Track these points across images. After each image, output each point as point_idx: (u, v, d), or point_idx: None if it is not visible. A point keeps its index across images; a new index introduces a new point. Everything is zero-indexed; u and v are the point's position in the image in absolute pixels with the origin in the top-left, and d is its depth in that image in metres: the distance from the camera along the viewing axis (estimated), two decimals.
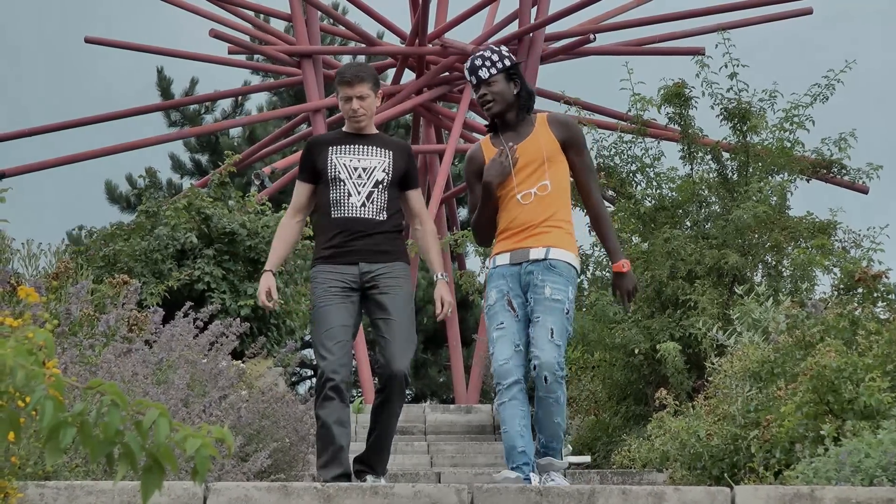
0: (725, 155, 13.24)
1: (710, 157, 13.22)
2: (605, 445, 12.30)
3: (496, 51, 6.79)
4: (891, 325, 7.81)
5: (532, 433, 6.61)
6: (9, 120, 59.28)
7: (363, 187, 6.81)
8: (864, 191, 18.63)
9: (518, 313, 6.59)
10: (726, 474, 7.92)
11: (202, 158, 31.85)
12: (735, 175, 13.15)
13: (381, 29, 27.03)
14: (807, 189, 13.82)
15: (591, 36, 23.06)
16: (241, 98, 31.52)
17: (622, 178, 13.12)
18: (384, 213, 6.83)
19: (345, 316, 6.72)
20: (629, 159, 13.16)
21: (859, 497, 5.40)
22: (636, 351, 12.11)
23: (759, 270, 12.75)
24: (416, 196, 6.99)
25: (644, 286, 12.57)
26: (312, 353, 7.21)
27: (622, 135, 13.22)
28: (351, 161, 6.85)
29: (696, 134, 13.18)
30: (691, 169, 13.27)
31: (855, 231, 12.82)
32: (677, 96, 13.03)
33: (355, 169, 6.84)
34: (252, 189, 19.32)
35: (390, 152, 6.91)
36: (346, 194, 6.80)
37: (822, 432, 6.97)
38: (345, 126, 7.05)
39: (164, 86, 31.41)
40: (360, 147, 6.90)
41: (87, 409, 3.01)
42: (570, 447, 6.73)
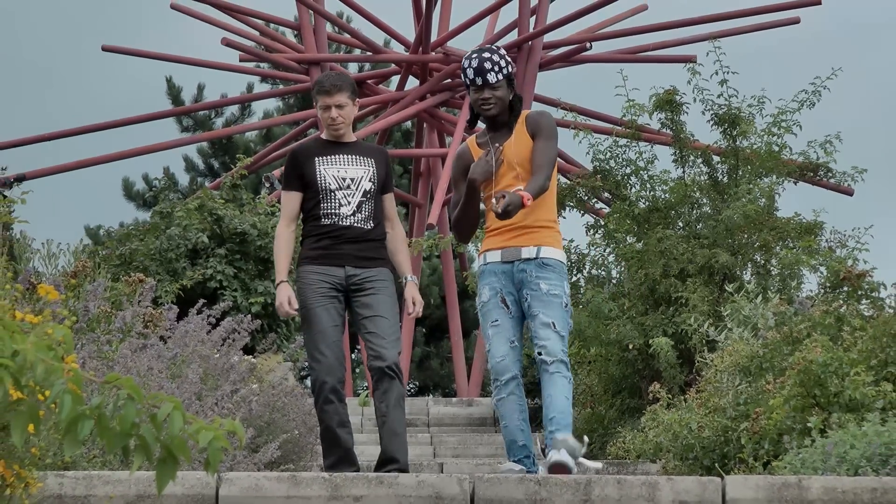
0: (716, 158, 13.23)
1: (701, 160, 13.22)
2: (601, 437, 12.30)
3: (502, 55, 6.67)
4: (875, 322, 7.81)
5: (529, 427, 6.55)
6: (26, 126, 59.30)
7: (353, 197, 6.79)
8: (850, 193, 18.60)
9: (511, 310, 6.52)
10: (717, 465, 7.91)
11: (214, 161, 31.85)
12: (725, 178, 13.14)
13: (385, 37, 26.99)
14: (794, 191, 13.83)
15: (588, 44, 23.07)
16: (249, 104, 31.50)
17: (617, 181, 13.11)
18: (371, 221, 6.82)
19: (334, 316, 6.69)
20: (624, 163, 13.15)
21: (844, 487, 5.40)
22: (630, 346, 12.10)
23: (749, 269, 12.74)
24: (389, 200, 6.96)
25: (638, 284, 12.57)
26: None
27: (617, 139, 13.22)
28: (339, 171, 6.81)
29: (688, 138, 13.18)
30: (683, 172, 13.26)
31: (840, 231, 12.82)
32: (668, 103, 13.03)
33: (343, 179, 6.80)
34: (263, 191, 19.32)
35: (372, 160, 6.89)
36: (337, 204, 6.77)
37: (808, 424, 6.96)
38: (324, 134, 6.99)
39: (175, 93, 31.39)
40: (345, 157, 6.86)
41: (105, 402, 3.00)
42: (586, 438, 6.48)
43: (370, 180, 6.83)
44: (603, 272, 13.28)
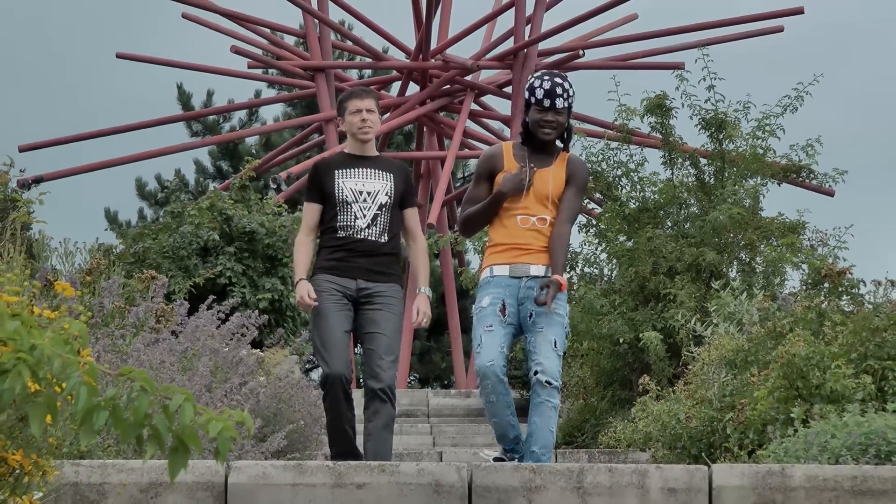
0: (703, 161, 13.24)
1: (689, 162, 13.23)
2: (593, 427, 12.30)
3: (571, 84, 6.49)
4: (854, 317, 7.81)
5: (517, 419, 6.49)
6: (42, 130, 59.31)
7: (368, 210, 6.71)
8: (831, 194, 18.60)
9: (507, 320, 6.37)
10: (704, 454, 7.91)
11: (223, 164, 31.84)
12: (712, 179, 13.15)
13: (385, 44, 26.98)
14: (778, 192, 13.85)
15: (581, 52, 23.07)
16: (257, 108, 31.49)
17: (609, 182, 13.12)
18: (386, 234, 6.73)
19: (343, 321, 6.63)
20: (615, 165, 13.16)
21: (826, 475, 5.41)
22: (621, 340, 12.11)
23: (734, 267, 12.76)
24: (411, 215, 6.87)
25: (628, 281, 12.58)
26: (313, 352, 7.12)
27: (609, 142, 13.23)
28: (356, 185, 6.73)
29: (677, 141, 13.18)
30: (672, 173, 13.27)
31: (822, 231, 12.84)
32: (659, 107, 13.03)
33: (360, 192, 6.72)
34: (270, 193, 19.31)
35: (391, 175, 6.80)
36: (353, 217, 6.70)
37: (791, 415, 6.97)
38: (347, 147, 6.92)
39: (185, 99, 31.37)
40: (365, 170, 6.78)
41: (119, 394, 3.01)
42: None
43: (387, 194, 6.75)
44: (595, 270, 13.29)
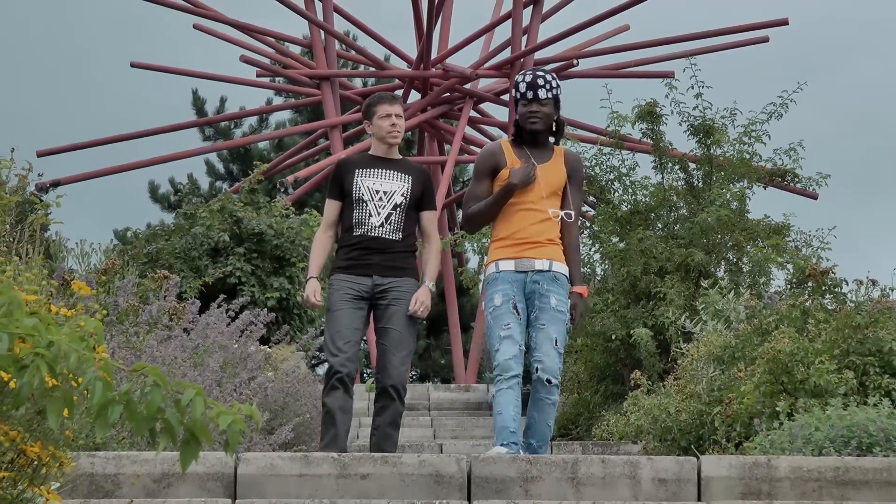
0: (692, 165, 13.23)
1: (678, 167, 13.22)
2: (587, 420, 12.30)
3: (554, 77, 6.52)
4: (837, 315, 7.81)
5: (520, 418, 6.49)
6: (59, 135, 59.34)
7: (383, 209, 6.66)
8: (814, 197, 18.61)
9: (521, 317, 6.35)
10: (693, 446, 7.91)
11: (234, 167, 31.85)
12: (700, 183, 13.14)
13: (388, 53, 26.98)
14: (763, 195, 13.83)
15: (575, 61, 23.09)
16: (266, 115, 31.51)
17: (602, 186, 13.11)
18: (399, 233, 6.67)
19: (355, 320, 6.57)
20: (608, 169, 13.15)
21: (810, 466, 5.41)
22: (613, 337, 12.10)
23: (722, 267, 12.75)
24: (428, 217, 6.80)
25: (621, 280, 12.57)
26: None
27: (602, 148, 13.22)
28: (374, 184, 6.68)
29: (667, 147, 13.18)
30: (662, 178, 13.26)
31: (806, 232, 12.83)
32: (649, 114, 13.02)
33: (377, 192, 6.67)
34: (278, 196, 19.30)
35: (410, 177, 6.73)
36: (368, 214, 6.65)
37: (777, 409, 6.96)
38: (371, 149, 6.87)
39: (199, 104, 31.37)
40: (384, 171, 6.73)
41: (132, 388, 3.00)
42: None
43: (403, 195, 6.69)
44: (589, 269, 13.28)
